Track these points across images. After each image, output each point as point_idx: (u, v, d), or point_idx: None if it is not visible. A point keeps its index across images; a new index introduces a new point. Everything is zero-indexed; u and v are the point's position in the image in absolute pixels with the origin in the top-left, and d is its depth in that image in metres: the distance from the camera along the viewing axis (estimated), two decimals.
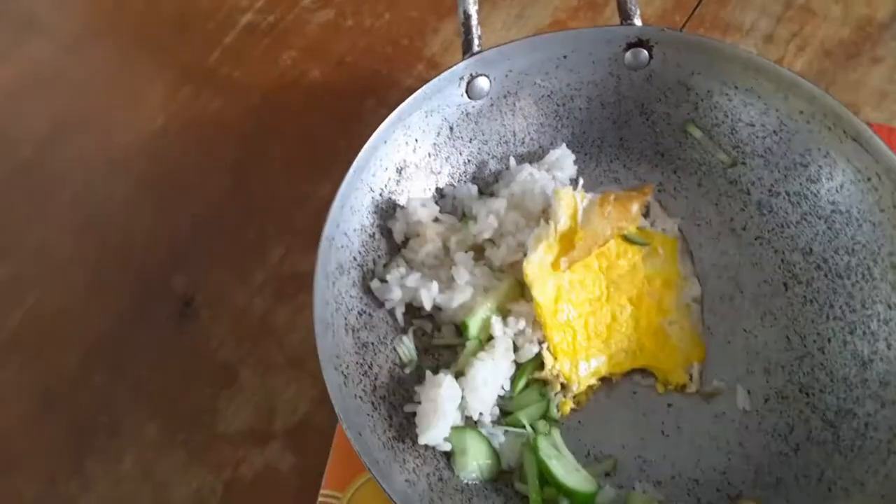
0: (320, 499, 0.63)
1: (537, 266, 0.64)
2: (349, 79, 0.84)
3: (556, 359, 0.64)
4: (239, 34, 0.86)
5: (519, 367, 0.64)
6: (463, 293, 0.65)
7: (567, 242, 0.64)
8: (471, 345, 0.64)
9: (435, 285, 0.65)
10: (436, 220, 0.68)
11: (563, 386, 0.64)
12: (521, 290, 0.65)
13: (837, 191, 0.64)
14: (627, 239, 0.67)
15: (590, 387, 0.65)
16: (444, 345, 0.66)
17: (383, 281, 0.66)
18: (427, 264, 0.67)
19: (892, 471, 0.56)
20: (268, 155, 0.80)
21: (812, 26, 0.83)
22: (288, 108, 0.82)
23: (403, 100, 0.66)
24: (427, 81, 0.65)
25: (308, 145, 0.80)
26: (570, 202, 0.65)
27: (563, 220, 0.64)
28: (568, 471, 0.60)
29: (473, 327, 0.63)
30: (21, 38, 0.87)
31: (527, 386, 0.64)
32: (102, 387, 0.71)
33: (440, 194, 0.71)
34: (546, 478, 0.60)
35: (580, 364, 0.65)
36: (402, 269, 0.66)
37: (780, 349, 0.65)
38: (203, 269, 0.75)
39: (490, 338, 0.64)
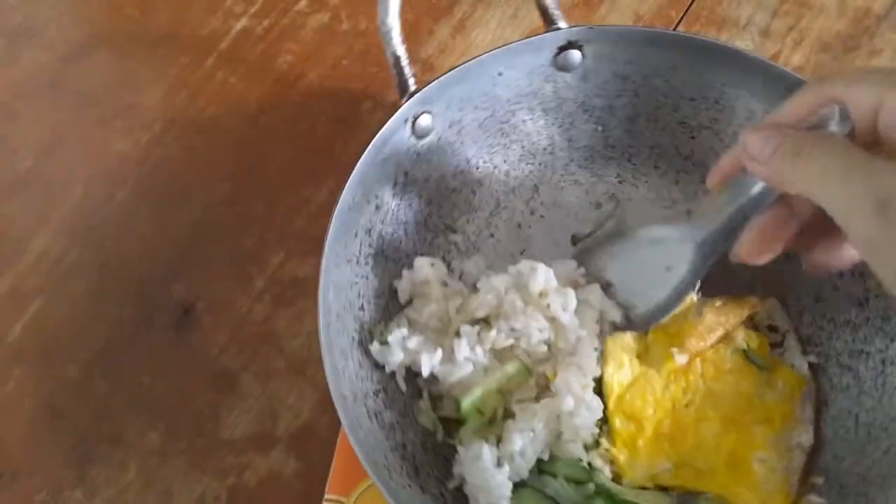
0: (325, 502, 0.61)
1: (618, 345, 0.59)
2: (345, 82, 0.80)
3: (614, 445, 0.57)
4: (234, 40, 0.82)
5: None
6: (462, 369, 0.58)
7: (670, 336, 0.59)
8: (470, 423, 0.58)
9: (439, 353, 0.59)
10: (444, 283, 0.63)
11: (613, 475, 0.57)
12: (529, 373, 0.59)
13: None
14: (748, 357, 0.60)
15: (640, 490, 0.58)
16: (455, 418, 0.60)
17: (384, 343, 0.60)
18: (431, 327, 0.62)
19: None
20: (265, 160, 0.77)
21: (809, 19, 0.79)
22: (284, 112, 0.79)
23: (399, 103, 0.64)
24: (423, 85, 0.63)
25: (305, 150, 0.77)
26: (623, 348, 0.59)
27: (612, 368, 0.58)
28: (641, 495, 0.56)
29: (468, 405, 0.57)
30: (17, 49, 0.83)
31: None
32: (104, 396, 0.68)
33: (448, 267, 0.66)
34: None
35: (639, 461, 0.57)
36: (404, 331, 0.60)
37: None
38: (202, 276, 0.72)
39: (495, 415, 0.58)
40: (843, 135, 0.43)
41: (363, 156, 0.59)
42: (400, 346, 0.59)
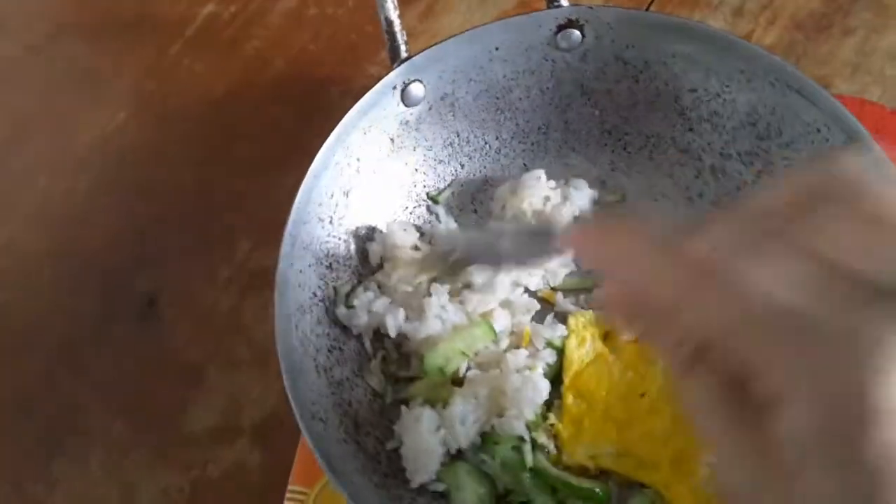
0: (288, 495, 0.59)
1: (585, 321, 0.58)
2: (313, 68, 0.77)
3: (561, 421, 0.56)
4: (200, 26, 0.79)
5: None
6: (430, 325, 0.58)
7: None
8: (427, 380, 0.58)
9: (402, 312, 0.59)
10: (415, 247, 0.62)
11: (556, 449, 0.56)
12: (494, 336, 0.59)
13: (788, 145, 0.60)
14: None
15: (579, 467, 0.56)
16: (409, 377, 0.60)
17: (350, 307, 0.60)
18: (399, 290, 0.61)
19: None
20: (231, 148, 0.74)
21: None
22: (251, 99, 0.76)
23: (368, 87, 0.62)
24: (416, 53, 0.61)
25: (273, 137, 0.74)
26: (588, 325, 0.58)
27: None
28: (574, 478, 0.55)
29: (430, 362, 0.57)
30: None
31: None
32: (68, 388, 0.66)
33: (418, 230, 0.65)
34: (556, 488, 0.55)
35: (583, 439, 0.56)
36: (371, 294, 0.60)
37: None
38: (167, 266, 0.70)
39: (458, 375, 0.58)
40: None
41: (345, 117, 0.59)
42: (365, 308, 0.59)
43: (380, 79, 0.60)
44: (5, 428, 0.65)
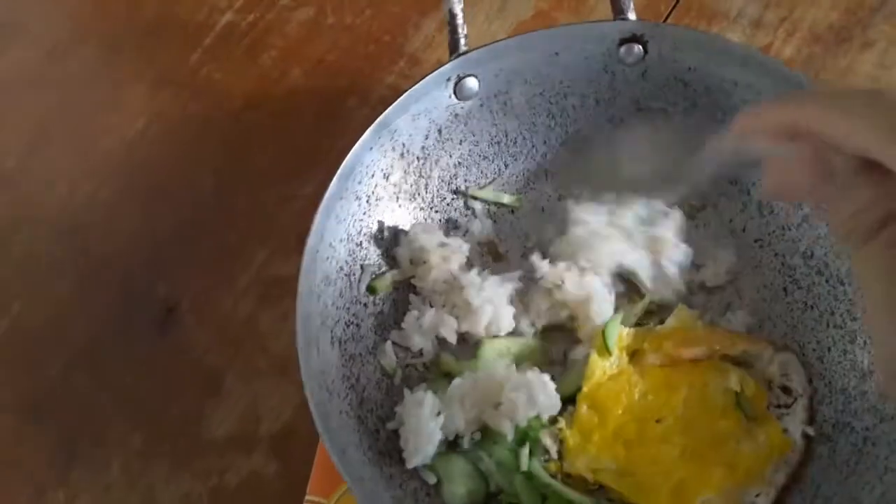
0: None
1: (617, 337, 0.57)
2: (330, 77, 0.77)
3: (569, 427, 0.56)
4: (218, 35, 0.79)
5: None
6: (484, 312, 0.59)
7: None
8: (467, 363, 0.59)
9: (452, 321, 0.60)
10: (441, 244, 0.62)
11: (558, 455, 0.56)
12: (545, 360, 0.60)
13: None
14: (738, 402, 0.56)
15: (579, 478, 0.56)
16: (422, 363, 0.61)
17: (371, 290, 0.62)
18: (438, 291, 0.61)
19: (888, 489, 0.50)
20: (249, 157, 0.74)
21: (801, 10, 0.75)
22: (269, 108, 0.76)
23: (385, 98, 0.61)
24: (409, 78, 0.61)
25: (290, 147, 0.74)
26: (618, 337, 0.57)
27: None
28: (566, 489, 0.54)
29: (486, 352, 0.59)
30: (2, 44, 0.81)
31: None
32: (87, 395, 0.66)
33: (454, 224, 0.66)
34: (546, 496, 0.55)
35: (588, 451, 0.55)
36: (415, 313, 0.61)
37: None
38: (186, 274, 0.70)
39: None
40: None
41: (397, 100, 0.59)
42: (415, 329, 0.61)
43: (433, 70, 0.61)
44: (26, 435, 0.66)
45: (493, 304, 0.60)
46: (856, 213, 0.34)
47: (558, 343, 0.61)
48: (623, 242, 0.60)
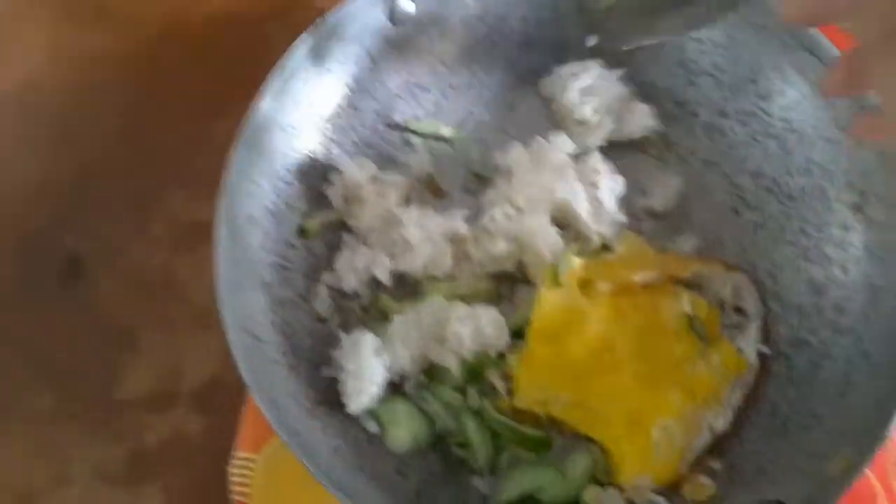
0: (234, 461, 0.55)
1: (569, 269, 0.53)
2: (248, 3, 0.70)
3: (520, 364, 0.52)
4: None
5: None
6: (423, 251, 0.55)
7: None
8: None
9: (386, 259, 0.55)
10: (376, 179, 0.58)
11: (507, 392, 0.53)
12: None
13: (791, 108, 0.56)
14: (691, 324, 0.53)
15: (530, 413, 0.53)
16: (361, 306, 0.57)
17: (303, 231, 0.56)
18: (374, 228, 0.57)
19: (851, 404, 0.49)
20: (163, 93, 0.67)
21: None
22: (182, 38, 0.69)
23: (311, 22, 0.56)
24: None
25: (208, 80, 0.67)
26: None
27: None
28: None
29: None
30: None
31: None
32: None
33: (391, 160, 0.60)
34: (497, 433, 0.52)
35: (538, 383, 0.52)
36: (347, 252, 0.56)
37: None
38: (93, 222, 0.63)
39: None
40: None
41: (322, 20, 0.54)
42: (349, 269, 0.56)
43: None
44: None
45: (432, 241, 0.55)
46: (877, 23, 0.34)
47: (505, 282, 0.57)
48: (557, 178, 0.57)
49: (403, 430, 0.51)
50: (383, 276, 0.55)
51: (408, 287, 0.57)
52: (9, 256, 0.63)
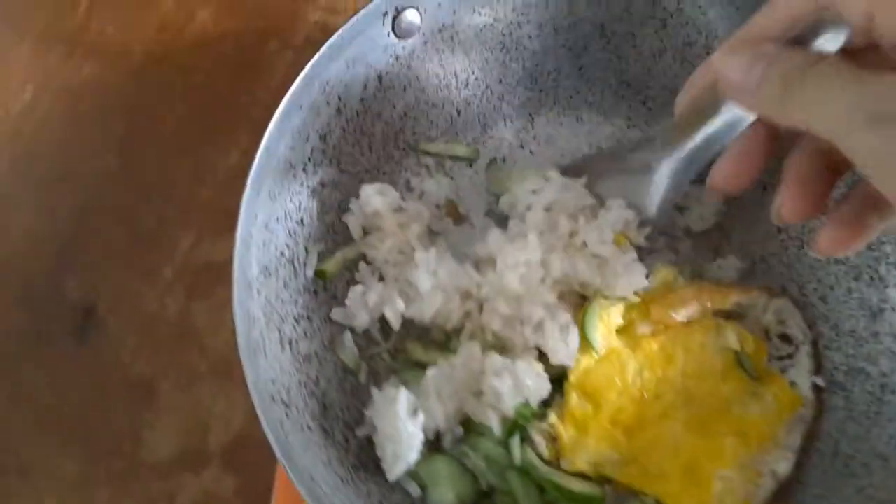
0: None
1: (598, 328, 0.49)
2: (245, 18, 0.66)
3: (562, 421, 0.49)
4: None
5: None
6: (433, 300, 0.51)
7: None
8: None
9: (399, 303, 0.51)
10: (398, 209, 0.54)
11: (552, 455, 0.49)
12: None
13: None
14: (738, 360, 0.50)
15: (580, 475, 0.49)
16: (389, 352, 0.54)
17: (319, 274, 0.53)
18: (392, 262, 0.53)
19: None
20: (158, 122, 0.64)
21: None
22: (175, 62, 0.65)
23: (312, 39, 0.52)
24: (338, 14, 0.51)
25: (205, 106, 0.64)
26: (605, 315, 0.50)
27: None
28: (567, 479, 0.48)
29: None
30: None
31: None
32: (2, 422, 0.57)
33: (407, 187, 0.57)
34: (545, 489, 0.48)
35: (586, 444, 0.48)
36: (360, 288, 0.52)
37: None
38: (100, 268, 0.60)
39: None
40: (835, 50, 0.35)
41: (325, 45, 0.50)
42: (360, 305, 0.52)
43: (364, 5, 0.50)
44: None
45: (445, 292, 0.51)
46: (763, 74, 0.35)
47: None
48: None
49: (446, 491, 0.48)
50: (393, 321, 0.52)
51: (426, 329, 0.54)
52: (16, 307, 0.60)
